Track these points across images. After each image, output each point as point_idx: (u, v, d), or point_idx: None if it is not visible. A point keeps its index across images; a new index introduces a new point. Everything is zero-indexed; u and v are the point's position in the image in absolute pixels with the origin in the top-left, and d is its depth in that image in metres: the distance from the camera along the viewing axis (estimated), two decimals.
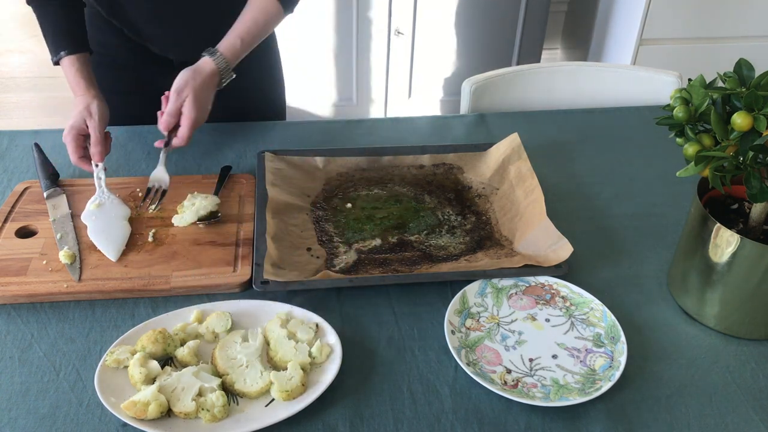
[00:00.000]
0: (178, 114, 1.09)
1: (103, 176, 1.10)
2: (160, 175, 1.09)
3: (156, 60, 1.33)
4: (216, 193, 1.11)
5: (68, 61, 1.16)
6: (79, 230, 1.04)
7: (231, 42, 1.14)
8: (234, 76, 1.16)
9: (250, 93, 1.42)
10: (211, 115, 1.46)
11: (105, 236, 1.02)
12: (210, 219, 1.05)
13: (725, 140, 0.77)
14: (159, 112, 1.12)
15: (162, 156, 1.10)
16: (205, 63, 1.12)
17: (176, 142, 1.10)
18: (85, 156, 1.11)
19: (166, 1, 1.23)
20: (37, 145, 1.20)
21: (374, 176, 1.19)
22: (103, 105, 1.14)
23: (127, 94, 1.18)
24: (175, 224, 1.05)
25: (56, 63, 1.18)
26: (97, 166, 1.11)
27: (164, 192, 1.08)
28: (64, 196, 1.11)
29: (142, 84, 1.33)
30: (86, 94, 1.14)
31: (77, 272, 0.96)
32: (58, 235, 1.02)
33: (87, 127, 1.11)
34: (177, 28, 1.28)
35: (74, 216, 1.07)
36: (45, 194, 1.10)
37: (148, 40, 1.30)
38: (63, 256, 0.97)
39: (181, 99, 1.09)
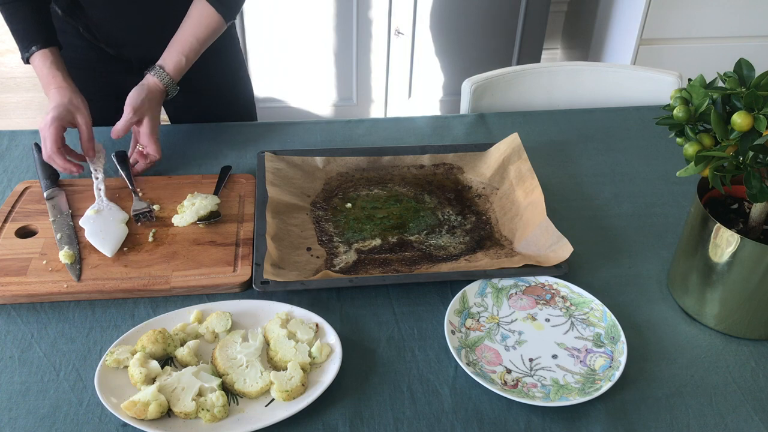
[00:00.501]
0: (130, 127, 1.14)
1: (102, 187, 1.11)
2: (138, 206, 1.08)
3: (116, 60, 1.33)
4: (216, 193, 1.11)
5: (41, 55, 1.15)
6: (79, 230, 1.04)
7: (177, 60, 1.17)
8: (179, 88, 1.20)
9: (217, 97, 1.43)
10: (181, 118, 1.46)
11: (102, 235, 1.02)
12: (210, 219, 1.05)
13: (725, 140, 0.77)
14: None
15: (134, 196, 1.11)
16: (154, 84, 1.16)
17: (153, 157, 1.15)
18: (59, 151, 1.10)
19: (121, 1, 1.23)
20: (37, 145, 1.19)
21: (374, 176, 1.19)
22: (84, 99, 1.14)
23: (91, 94, 1.19)
24: (175, 224, 1.05)
25: (27, 60, 1.16)
26: (97, 178, 1.12)
27: (151, 211, 1.08)
28: (64, 196, 1.11)
29: (105, 84, 1.33)
30: (65, 86, 1.13)
31: (77, 272, 0.96)
32: (58, 235, 1.02)
33: (74, 120, 1.10)
34: (132, 27, 1.27)
35: (74, 216, 1.07)
36: (45, 194, 1.10)
37: (103, 41, 1.30)
38: (63, 256, 0.97)
39: (137, 116, 1.13)
